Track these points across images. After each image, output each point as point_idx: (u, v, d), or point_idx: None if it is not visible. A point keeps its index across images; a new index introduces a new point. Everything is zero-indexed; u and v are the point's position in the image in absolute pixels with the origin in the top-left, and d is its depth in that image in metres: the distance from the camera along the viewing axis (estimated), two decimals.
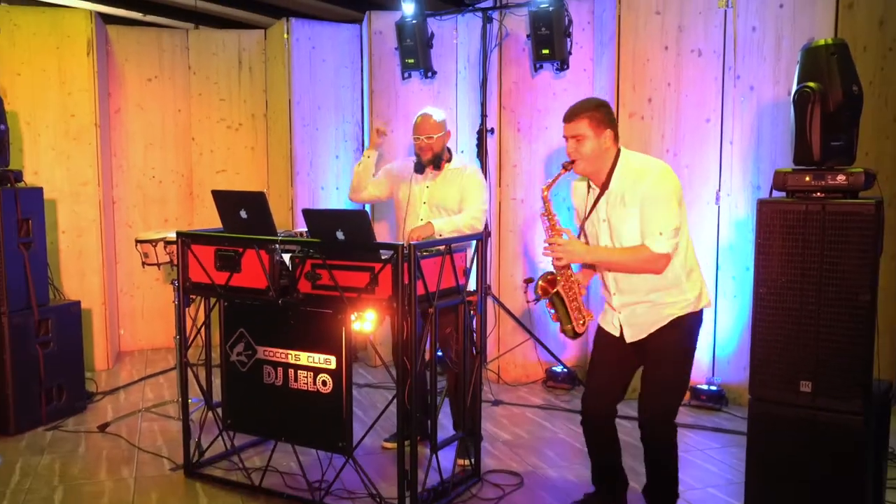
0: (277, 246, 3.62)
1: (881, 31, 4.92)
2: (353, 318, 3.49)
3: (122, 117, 6.62)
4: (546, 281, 3.29)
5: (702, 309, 3.26)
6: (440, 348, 4.29)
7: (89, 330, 5.93)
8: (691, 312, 3.23)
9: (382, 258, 3.39)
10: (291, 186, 6.45)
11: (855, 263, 2.69)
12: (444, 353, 4.14)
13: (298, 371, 3.67)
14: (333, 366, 3.57)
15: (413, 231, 4.11)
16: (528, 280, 3.48)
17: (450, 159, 4.33)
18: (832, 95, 2.75)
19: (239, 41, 6.83)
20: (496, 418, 5.01)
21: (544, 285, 3.29)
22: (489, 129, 5.57)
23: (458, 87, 5.95)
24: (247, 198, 3.80)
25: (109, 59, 6.50)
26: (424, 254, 3.49)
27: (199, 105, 6.82)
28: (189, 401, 4.14)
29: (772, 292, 2.83)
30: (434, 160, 4.25)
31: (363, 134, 6.54)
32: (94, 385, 5.64)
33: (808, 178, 2.79)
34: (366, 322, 3.49)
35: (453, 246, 3.71)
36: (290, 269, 3.62)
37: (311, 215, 3.57)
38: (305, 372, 3.65)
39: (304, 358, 3.64)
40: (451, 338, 4.03)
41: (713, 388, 5.16)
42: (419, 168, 4.31)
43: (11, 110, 5.73)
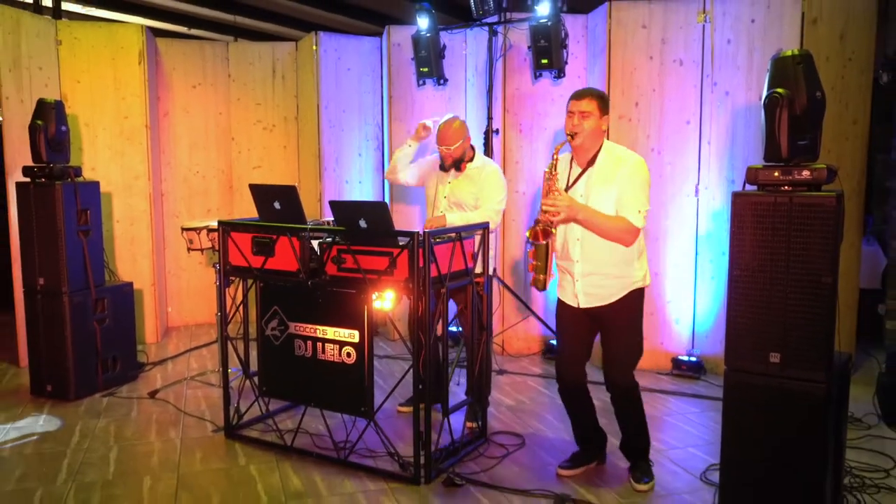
0: (307, 233, 3.64)
1: (841, 44, 4.91)
2: (374, 297, 3.52)
3: (169, 119, 6.65)
4: (542, 230, 3.23)
5: (644, 287, 3.40)
6: (459, 323, 4.31)
7: (140, 307, 5.98)
8: (639, 288, 3.37)
9: (400, 244, 3.41)
10: (319, 181, 6.46)
11: (818, 249, 2.69)
12: (462, 328, 4.17)
13: (326, 344, 3.69)
14: (356, 339, 3.59)
15: (428, 221, 4.15)
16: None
17: (472, 158, 4.26)
18: (798, 100, 2.74)
19: (273, 52, 6.83)
20: (501, 386, 5.03)
21: (540, 232, 3.23)
22: (495, 129, 5.57)
23: (468, 93, 5.94)
24: (280, 191, 3.82)
25: (158, 68, 6.52)
26: (437, 240, 3.51)
27: (238, 109, 6.84)
28: (229, 370, 4.16)
29: (745, 274, 2.83)
30: (454, 165, 4.22)
31: (383, 134, 6.54)
32: (145, 356, 5.69)
33: (777, 174, 2.78)
34: (385, 300, 3.53)
35: (463, 233, 3.73)
36: (319, 253, 3.64)
37: (336, 206, 3.59)
38: (332, 345, 3.67)
39: (331, 332, 3.66)
40: (464, 314, 4.06)
41: (693, 359, 5.18)
42: (444, 167, 4.29)
43: (72, 113, 5.78)
